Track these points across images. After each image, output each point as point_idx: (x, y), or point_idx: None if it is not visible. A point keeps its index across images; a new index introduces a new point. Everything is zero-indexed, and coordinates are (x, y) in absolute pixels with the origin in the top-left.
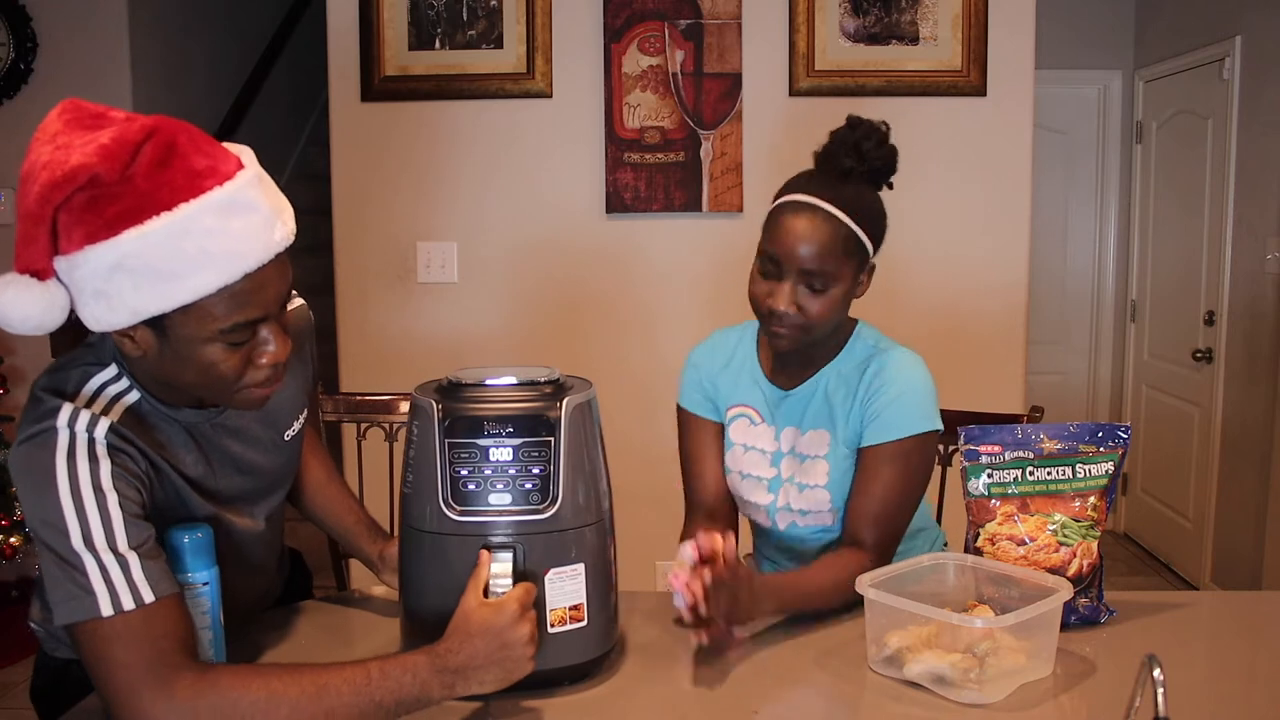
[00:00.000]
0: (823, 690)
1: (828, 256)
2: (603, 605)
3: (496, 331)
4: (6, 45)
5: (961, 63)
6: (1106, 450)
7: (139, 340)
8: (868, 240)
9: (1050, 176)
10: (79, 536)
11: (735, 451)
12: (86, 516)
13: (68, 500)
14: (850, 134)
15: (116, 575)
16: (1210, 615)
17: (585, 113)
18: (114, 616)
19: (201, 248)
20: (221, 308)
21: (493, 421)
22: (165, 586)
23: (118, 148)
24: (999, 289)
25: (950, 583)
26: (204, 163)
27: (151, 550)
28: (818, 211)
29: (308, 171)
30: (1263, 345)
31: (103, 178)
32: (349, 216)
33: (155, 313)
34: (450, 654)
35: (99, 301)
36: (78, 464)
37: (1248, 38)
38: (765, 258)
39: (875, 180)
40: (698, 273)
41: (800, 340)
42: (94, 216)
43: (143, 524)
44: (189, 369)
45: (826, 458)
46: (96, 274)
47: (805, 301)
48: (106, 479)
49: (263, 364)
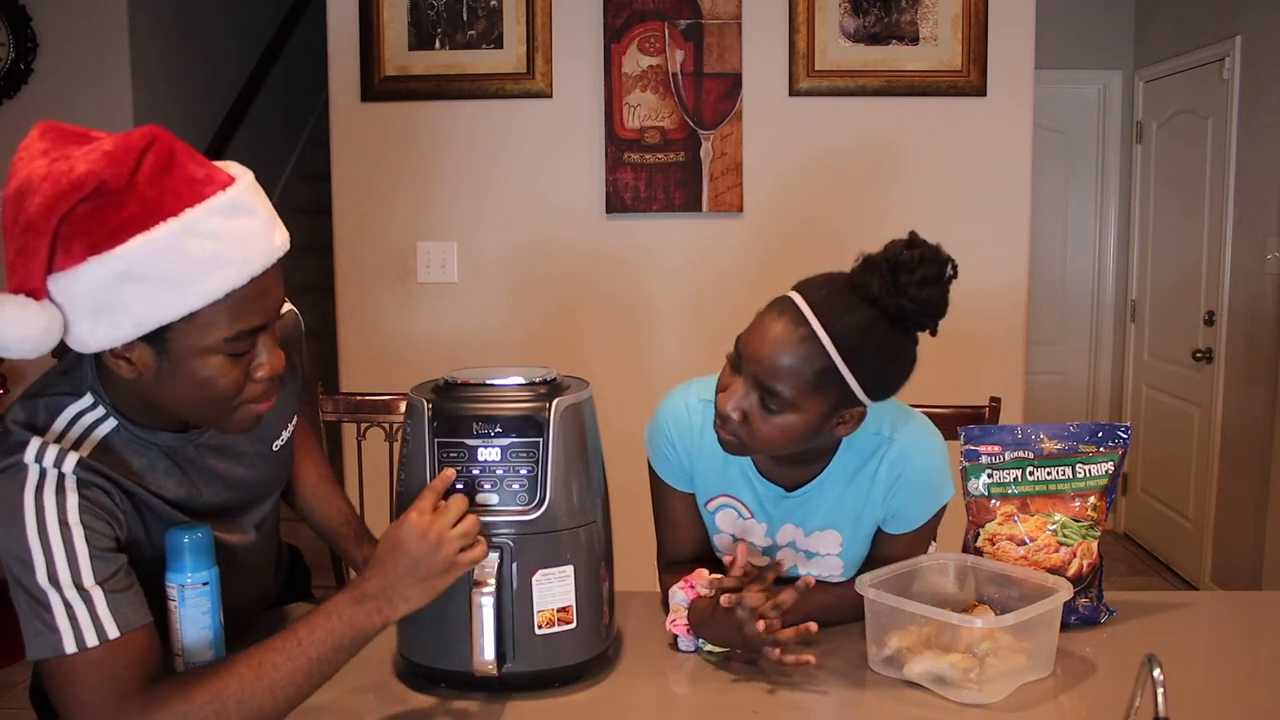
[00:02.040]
0: (823, 690)
1: (787, 379)
2: (593, 607)
3: (496, 331)
4: (6, 45)
5: (961, 63)
6: (1106, 450)
7: (136, 360)
8: (855, 384)
9: (1050, 176)
10: (44, 572)
11: (724, 538)
12: (52, 552)
13: (34, 536)
14: (897, 254)
15: (80, 611)
16: (1210, 615)
17: (585, 113)
18: (77, 654)
19: (210, 252)
20: (225, 315)
21: (481, 421)
22: (132, 619)
23: (123, 154)
24: (999, 289)
25: (950, 583)
26: (202, 171)
27: (119, 583)
28: (801, 327)
29: (308, 171)
30: (1263, 345)
31: (109, 185)
32: (349, 216)
33: (162, 322)
34: (366, 581)
35: (100, 316)
36: (44, 499)
37: (1248, 38)
38: (735, 345)
39: (903, 323)
40: (698, 273)
41: (740, 452)
42: (97, 226)
43: (111, 557)
44: (187, 386)
45: (840, 556)
46: (99, 287)
47: (753, 415)
48: (73, 513)
49: (260, 377)
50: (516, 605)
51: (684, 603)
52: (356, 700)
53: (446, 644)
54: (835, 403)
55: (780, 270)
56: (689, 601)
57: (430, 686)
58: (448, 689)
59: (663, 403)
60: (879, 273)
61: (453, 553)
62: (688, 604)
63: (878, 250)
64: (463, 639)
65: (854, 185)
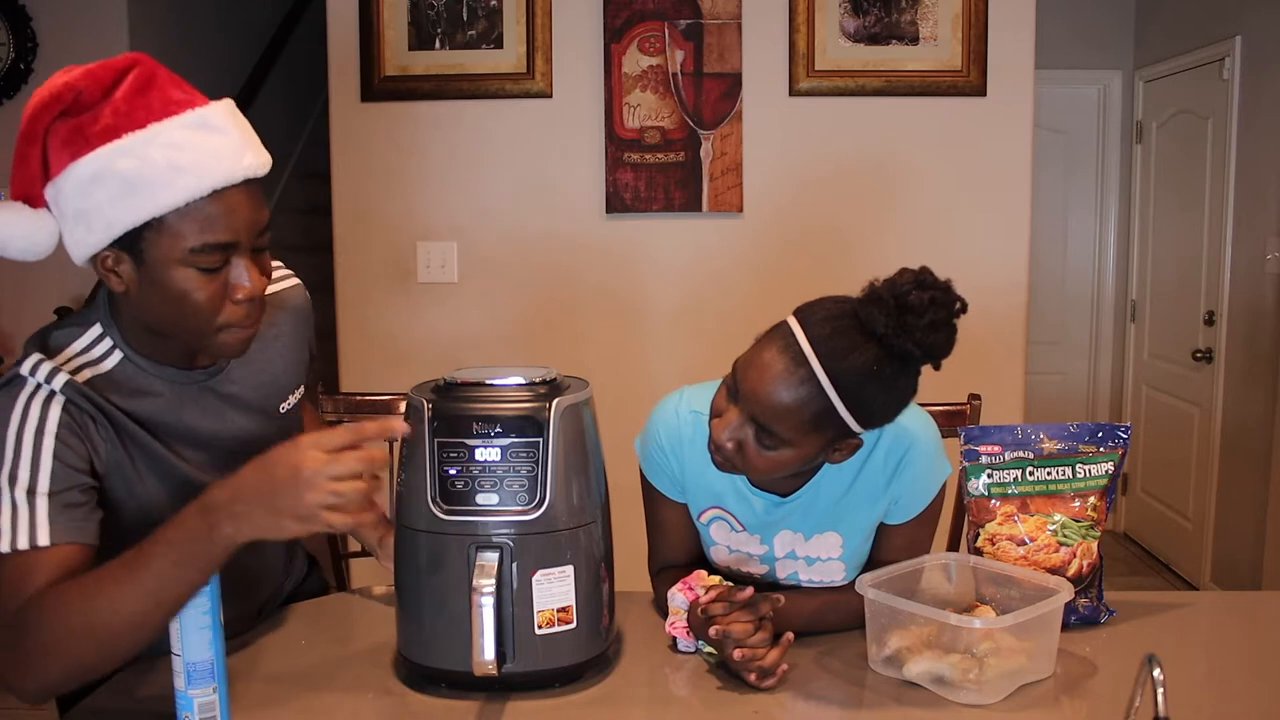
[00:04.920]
0: (823, 690)
1: (785, 419)
2: (593, 608)
3: (496, 331)
4: (6, 45)
5: (961, 63)
6: (1106, 450)
7: (122, 273)
8: (853, 420)
9: (1050, 176)
10: (6, 471)
11: (719, 549)
12: (20, 454)
13: (11, 436)
14: (906, 294)
15: (23, 515)
16: (1210, 615)
17: (585, 113)
18: (9, 554)
19: (169, 160)
20: (192, 226)
21: (481, 421)
22: (67, 535)
23: (102, 71)
24: (999, 289)
25: (950, 583)
26: (181, 95)
27: (71, 499)
28: (801, 367)
29: (308, 171)
30: (1263, 345)
31: (85, 96)
32: (349, 216)
33: (128, 226)
34: (216, 488)
35: (80, 223)
36: (31, 407)
37: (1248, 38)
38: (733, 372)
39: (905, 363)
40: (697, 273)
41: (734, 471)
42: (78, 135)
43: (73, 475)
44: (166, 300)
45: (841, 559)
46: (77, 190)
47: (748, 447)
48: (52, 424)
49: (239, 299)
50: (516, 605)
51: (683, 605)
52: (356, 700)
53: (446, 644)
54: (832, 437)
55: (780, 270)
56: (688, 604)
57: (430, 686)
58: (448, 689)
59: (654, 412)
60: (885, 310)
61: (317, 503)
62: (687, 606)
63: (886, 275)
64: (463, 639)
65: (854, 185)
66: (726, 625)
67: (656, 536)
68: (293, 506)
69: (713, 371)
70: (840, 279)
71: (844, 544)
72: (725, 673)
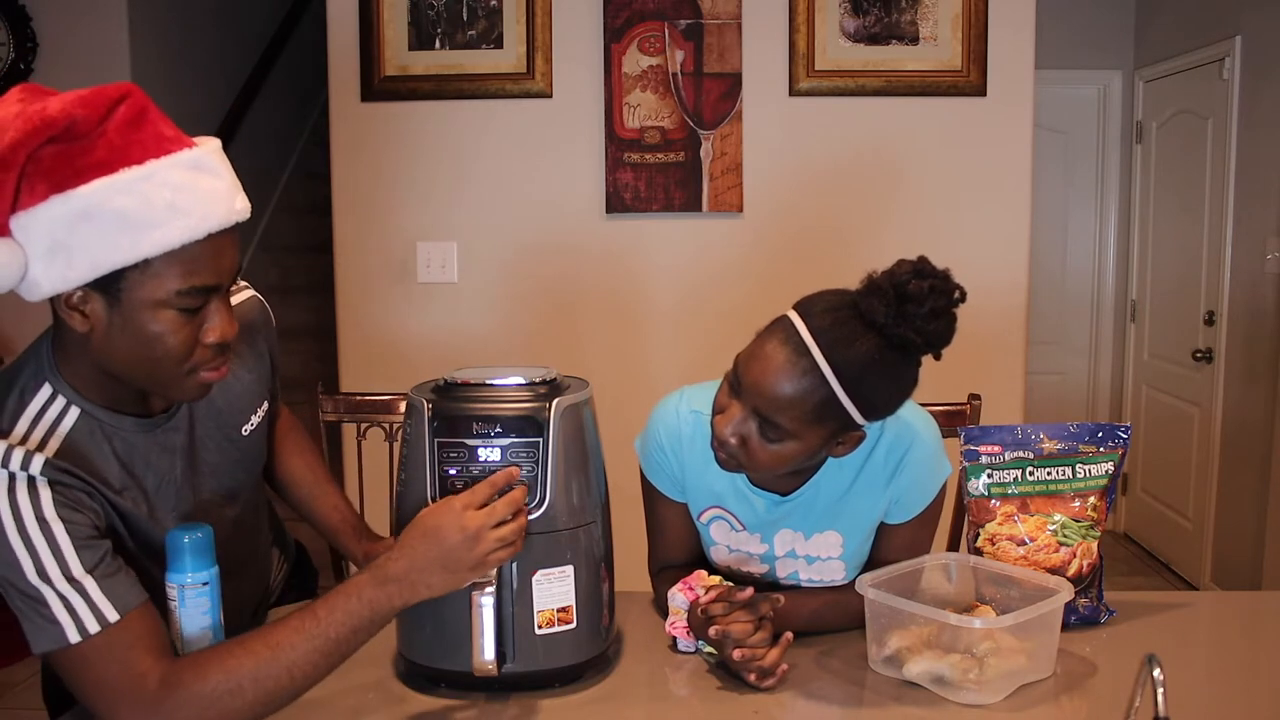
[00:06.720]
0: (823, 690)
1: (788, 411)
2: (593, 608)
3: (496, 331)
4: (6, 45)
5: (961, 63)
6: (1106, 450)
7: (90, 312)
8: (856, 411)
9: (1050, 176)
10: (33, 571)
11: (719, 549)
12: (36, 550)
13: (15, 537)
14: (905, 283)
15: (77, 601)
16: (1210, 615)
17: (585, 113)
18: (81, 642)
19: (169, 201)
20: (179, 268)
21: (481, 421)
22: (127, 600)
23: (95, 99)
24: (999, 289)
25: (951, 583)
26: (172, 132)
27: (108, 568)
28: (803, 358)
29: (308, 171)
30: (1263, 345)
31: (79, 125)
32: (349, 216)
33: (117, 265)
34: (390, 562)
35: (56, 257)
36: (18, 500)
37: (1248, 38)
38: (734, 367)
39: (906, 352)
40: (698, 273)
41: (737, 470)
42: (64, 166)
43: (94, 544)
44: (136, 343)
45: (842, 558)
46: (58, 225)
47: (751, 441)
48: (49, 509)
49: (209, 341)
50: (517, 605)
51: (684, 605)
52: (356, 700)
53: (446, 644)
54: (835, 429)
55: (780, 270)
56: (688, 604)
57: (430, 686)
58: (448, 689)
59: (654, 412)
60: (885, 300)
61: (487, 551)
62: (687, 606)
63: (885, 268)
64: (463, 639)
65: (854, 185)
66: (726, 625)
67: (656, 536)
68: (468, 562)
69: (713, 371)
70: (840, 279)
71: (844, 543)
72: (725, 673)
